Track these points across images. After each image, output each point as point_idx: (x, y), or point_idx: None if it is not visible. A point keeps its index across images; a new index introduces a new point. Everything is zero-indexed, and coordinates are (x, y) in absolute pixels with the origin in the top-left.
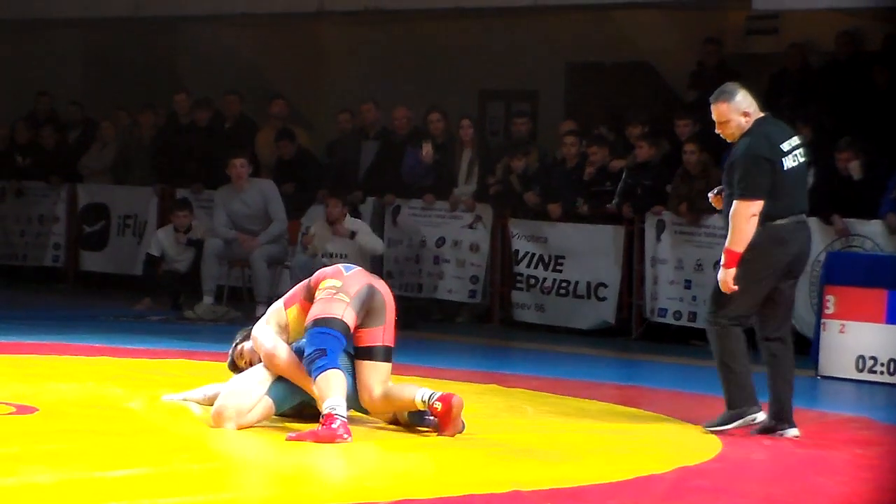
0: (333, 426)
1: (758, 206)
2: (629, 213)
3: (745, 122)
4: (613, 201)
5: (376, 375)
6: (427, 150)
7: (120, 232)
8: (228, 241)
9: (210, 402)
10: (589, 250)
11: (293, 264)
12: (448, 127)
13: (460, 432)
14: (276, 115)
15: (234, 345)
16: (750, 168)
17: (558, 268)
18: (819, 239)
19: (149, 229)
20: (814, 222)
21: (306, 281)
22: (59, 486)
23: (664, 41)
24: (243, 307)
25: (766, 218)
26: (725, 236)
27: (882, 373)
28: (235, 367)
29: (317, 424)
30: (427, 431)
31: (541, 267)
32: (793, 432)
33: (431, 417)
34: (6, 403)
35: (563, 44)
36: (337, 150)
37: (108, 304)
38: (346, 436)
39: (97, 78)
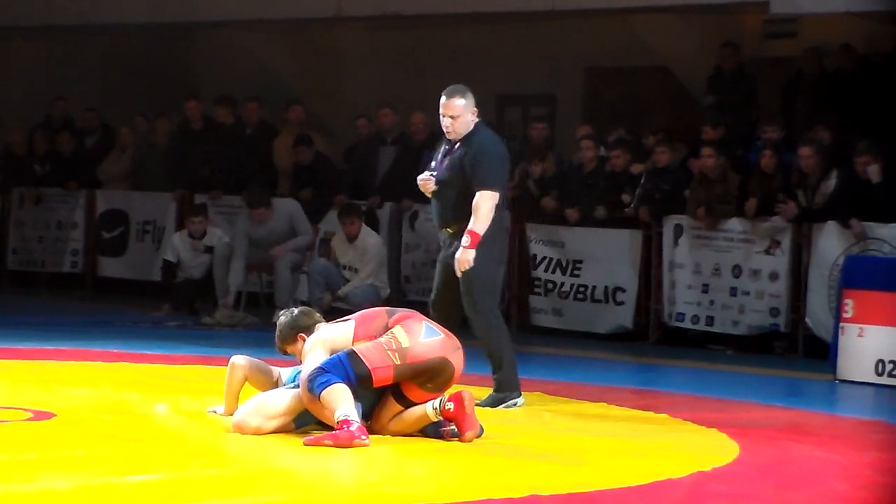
0: (351, 429)
1: (497, 197)
2: (646, 218)
3: (470, 122)
4: (631, 205)
5: (391, 412)
6: None
7: (139, 238)
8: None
9: (240, 384)
10: (606, 255)
11: (311, 269)
12: None
13: (479, 436)
14: (294, 120)
15: (282, 337)
16: (495, 163)
17: (576, 272)
18: (837, 242)
19: (167, 235)
20: (832, 225)
21: (386, 315)
22: (77, 493)
23: (682, 45)
24: (261, 312)
25: (496, 209)
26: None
27: None
28: (285, 354)
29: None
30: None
31: (558, 271)
32: (521, 400)
33: (447, 429)
34: (24, 409)
35: (580, 48)
36: (355, 155)
37: (127, 311)
38: (364, 437)
39: (115, 84)
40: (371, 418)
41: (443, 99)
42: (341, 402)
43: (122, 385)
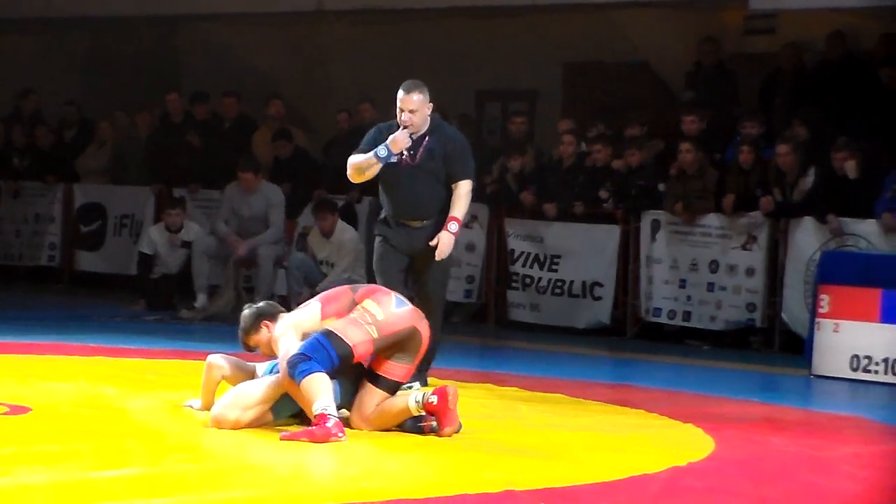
0: (328, 425)
1: None
2: (621, 214)
3: (428, 115)
4: (609, 199)
5: (373, 400)
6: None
7: (116, 232)
8: (220, 239)
9: (216, 382)
10: (584, 250)
11: (289, 263)
12: None
13: (458, 432)
14: (274, 115)
15: (246, 328)
16: (471, 155)
17: (554, 267)
18: (814, 238)
19: (145, 229)
20: (809, 221)
21: (351, 292)
22: (54, 487)
23: (661, 40)
24: (240, 306)
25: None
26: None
27: (877, 372)
28: (250, 349)
29: (310, 425)
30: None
31: (536, 266)
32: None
33: (427, 423)
34: (0, 403)
35: (560, 43)
36: (334, 149)
37: (104, 304)
38: (340, 434)
39: (95, 77)
40: (351, 410)
41: (401, 94)
42: (320, 393)
43: (100, 379)
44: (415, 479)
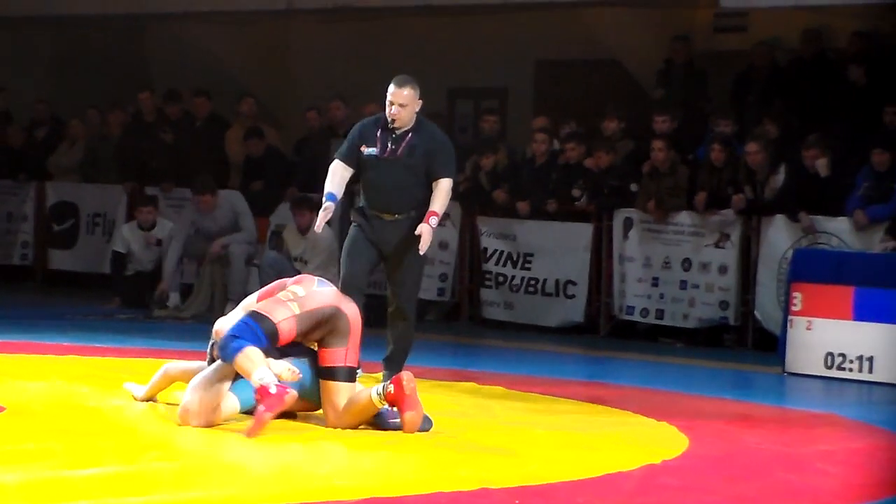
0: (271, 391)
1: None
2: (594, 211)
3: (415, 112)
4: (582, 198)
5: (338, 395)
6: None
7: (89, 230)
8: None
9: (168, 381)
10: (557, 248)
11: (262, 262)
12: None
13: (426, 430)
14: (246, 113)
15: (211, 344)
16: (454, 155)
17: (527, 265)
18: (786, 236)
19: (118, 227)
20: (781, 219)
21: (286, 283)
22: (27, 486)
23: (633, 38)
24: (214, 304)
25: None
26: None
27: (851, 370)
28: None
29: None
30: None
31: (509, 265)
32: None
33: (396, 420)
34: None
35: (531, 41)
36: (306, 147)
37: (77, 303)
38: (288, 391)
39: (66, 76)
40: (323, 411)
41: (392, 87)
42: (255, 365)
43: (73, 378)
44: (389, 477)
